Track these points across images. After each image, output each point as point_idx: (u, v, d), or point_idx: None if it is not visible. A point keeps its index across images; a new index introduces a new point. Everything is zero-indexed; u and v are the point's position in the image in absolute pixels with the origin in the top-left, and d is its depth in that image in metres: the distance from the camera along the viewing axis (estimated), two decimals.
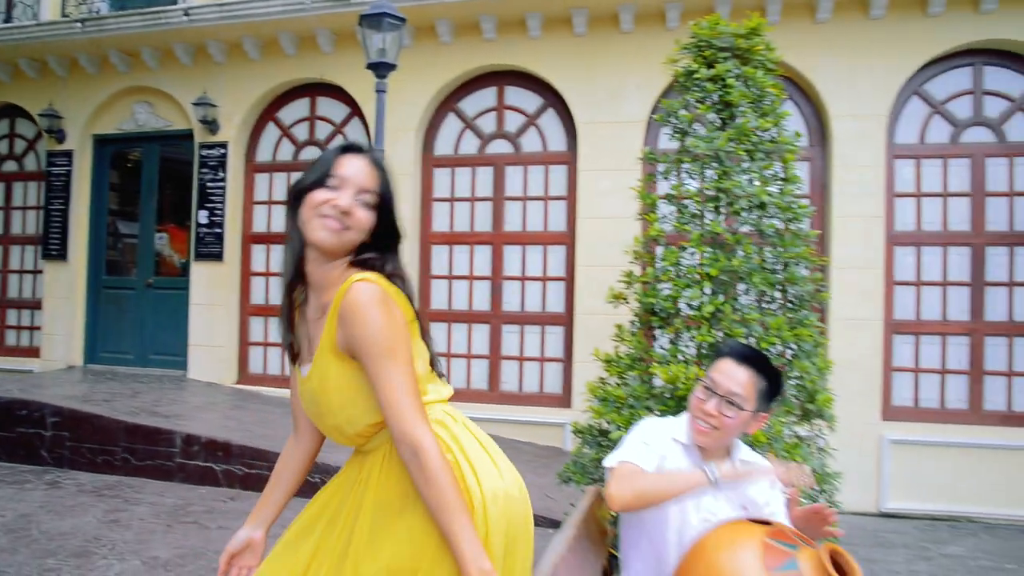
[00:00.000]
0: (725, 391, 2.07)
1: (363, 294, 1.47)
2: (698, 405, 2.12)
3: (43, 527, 4.32)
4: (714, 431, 2.09)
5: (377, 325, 1.47)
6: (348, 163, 1.56)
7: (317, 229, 1.53)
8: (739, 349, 2.19)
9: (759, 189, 3.37)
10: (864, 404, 5.93)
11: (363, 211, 1.55)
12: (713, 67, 3.60)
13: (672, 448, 2.17)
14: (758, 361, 2.14)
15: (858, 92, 6.02)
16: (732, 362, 2.12)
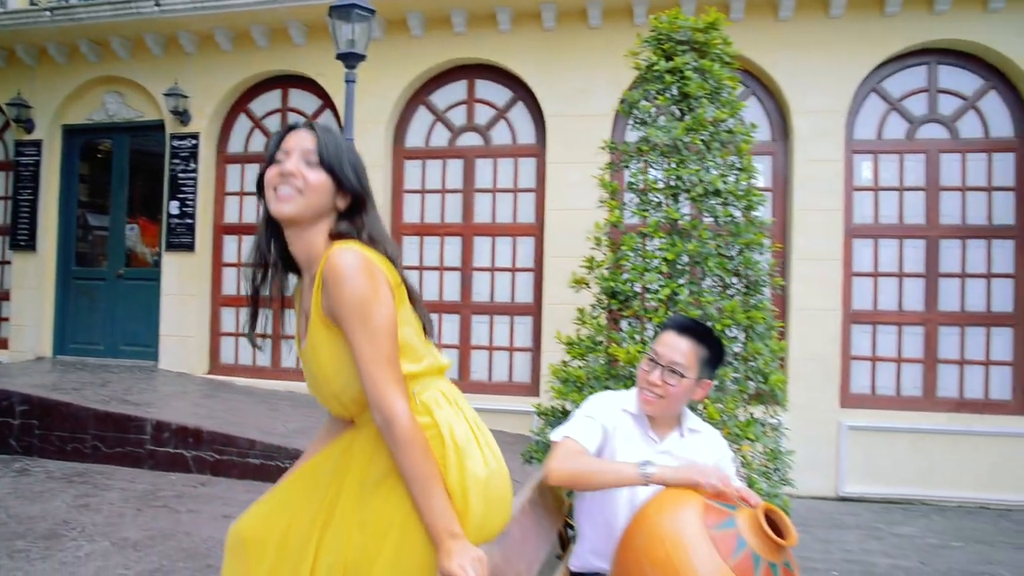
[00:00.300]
0: (667, 361, 2.18)
1: (342, 260, 1.51)
2: (643, 376, 2.23)
3: (12, 511, 4.34)
4: (660, 400, 2.20)
5: (354, 291, 1.50)
6: (291, 137, 1.63)
7: (274, 201, 1.59)
8: (680, 321, 2.30)
9: (715, 177, 3.51)
10: (823, 392, 6.12)
11: (311, 171, 1.59)
12: (672, 60, 3.73)
13: (621, 418, 2.27)
14: (698, 331, 2.25)
15: (818, 89, 6.20)
16: (673, 333, 2.23)
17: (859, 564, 4.53)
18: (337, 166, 1.61)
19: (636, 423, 2.27)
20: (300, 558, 1.64)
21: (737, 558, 1.77)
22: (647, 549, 1.86)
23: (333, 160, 1.61)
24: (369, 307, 1.51)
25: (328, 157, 1.61)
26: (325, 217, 1.63)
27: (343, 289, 1.50)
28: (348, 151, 1.65)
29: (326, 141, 1.62)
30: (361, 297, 1.50)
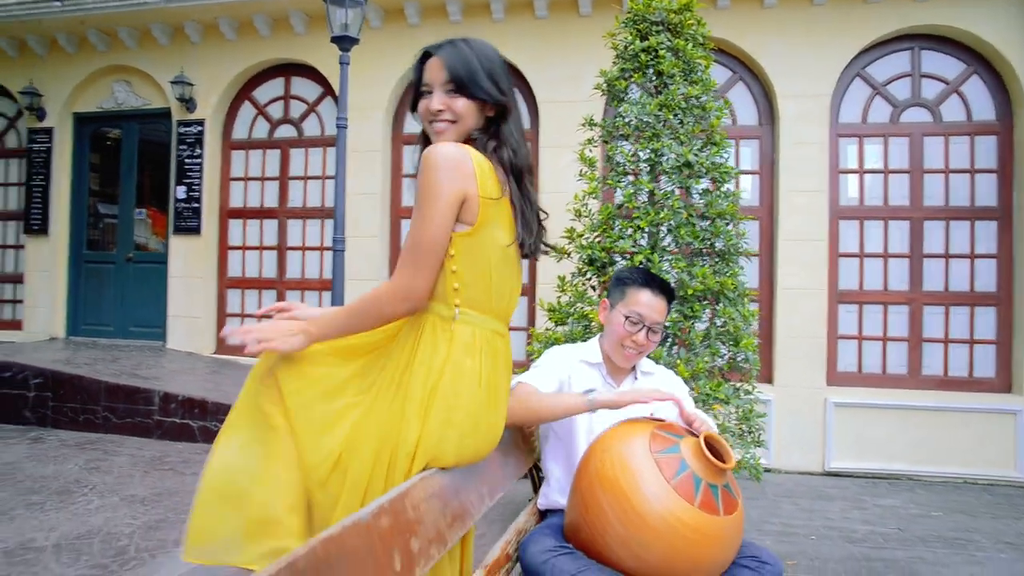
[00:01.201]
0: (652, 322, 2.31)
1: (435, 150, 1.65)
2: (627, 335, 2.33)
3: (27, 472, 4.59)
4: (640, 355, 2.37)
5: (429, 177, 1.63)
6: (428, 70, 1.80)
7: (434, 135, 1.79)
8: (655, 280, 2.40)
9: (685, 151, 3.69)
10: (810, 370, 6.28)
11: (455, 101, 1.75)
12: (647, 40, 3.92)
13: (578, 368, 2.42)
14: (667, 289, 2.39)
15: (803, 73, 6.36)
16: (650, 293, 2.35)
17: (838, 530, 4.70)
18: (475, 88, 1.75)
19: (595, 371, 2.43)
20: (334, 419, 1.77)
21: (679, 478, 1.93)
22: (598, 471, 2.03)
23: (469, 84, 1.75)
24: (430, 193, 1.63)
25: (463, 82, 1.74)
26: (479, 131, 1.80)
27: (423, 173, 1.65)
28: (482, 65, 1.77)
29: (457, 66, 1.75)
30: (430, 183, 1.63)
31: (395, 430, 1.74)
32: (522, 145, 1.84)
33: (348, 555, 1.34)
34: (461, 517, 1.89)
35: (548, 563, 2.00)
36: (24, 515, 3.71)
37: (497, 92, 1.79)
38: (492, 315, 1.85)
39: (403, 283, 1.69)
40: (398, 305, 1.71)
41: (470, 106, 1.77)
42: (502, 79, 1.82)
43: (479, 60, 1.79)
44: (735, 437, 3.83)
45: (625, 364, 2.40)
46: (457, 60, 1.77)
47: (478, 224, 1.72)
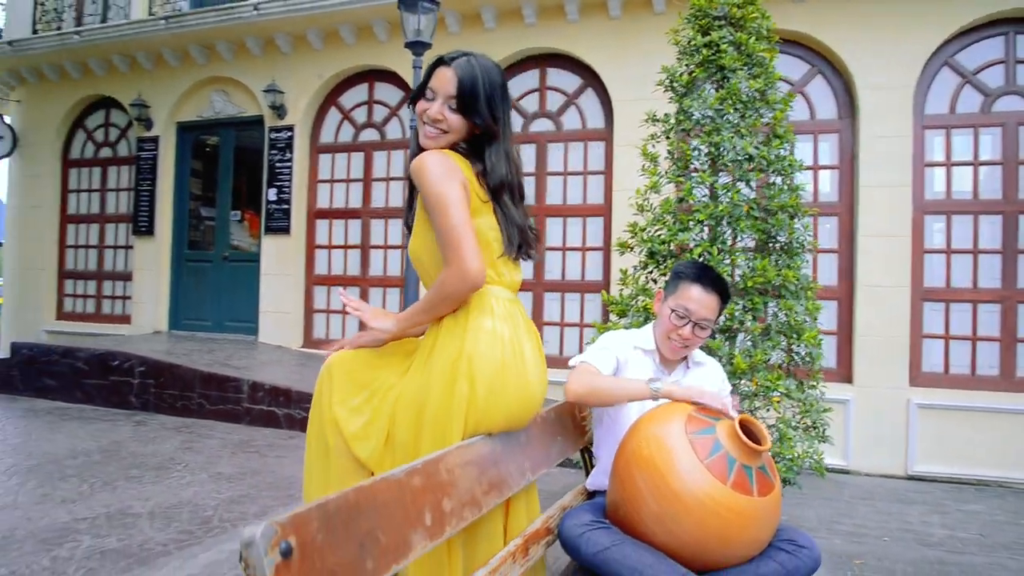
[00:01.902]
0: (699, 318, 2.34)
1: (422, 158, 1.85)
2: (673, 329, 2.37)
3: (129, 450, 5.00)
4: (686, 348, 2.41)
5: (430, 177, 1.81)
6: (437, 75, 1.94)
7: (422, 137, 1.96)
8: (705, 274, 2.41)
9: (746, 144, 3.70)
10: (891, 369, 6.09)
11: (452, 115, 1.91)
12: (708, 34, 3.94)
13: (633, 354, 2.47)
14: (720, 286, 2.40)
15: (885, 64, 6.17)
16: (701, 290, 2.35)
17: (914, 533, 4.56)
18: (471, 110, 1.91)
19: (648, 358, 2.48)
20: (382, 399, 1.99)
21: (712, 458, 1.98)
22: (635, 451, 2.11)
23: (468, 104, 1.90)
24: (442, 188, 1.81)
25: (465, 102, 1.90)
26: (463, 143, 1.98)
27: (422, 178, 1.83)
28: (484, 90, 1.91)
29: (464, 86, 1.89)
30: (435, 180, 1.81)
31: (427, 397, 1.90)
32: (501, 166, 1.98)
33: (379, 506, 1.47)
34: (498, 486, 2.01)
35: (584, 536, 2.08)
36: (124, 486, 4.06)
37: (490, 119, 1.94)
38: (505, 286, 2.03)
39: (456, 266, 1.82)
40: (459, 285, 1.84)
41: (463, 123, 1.93)
42: (498, 106, 1.96)
43: (484, 84, 1.92)
44: (799, 431, 3.80)
45: (671, 356, 2.44)
46: (466, 80, 1.90)
47: (472, 212, 1.89)
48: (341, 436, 1.99)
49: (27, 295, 9.75)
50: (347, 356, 2.07)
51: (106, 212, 9.56)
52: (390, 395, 1.99)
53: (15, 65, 9.51)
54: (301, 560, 1.21)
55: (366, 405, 2.00)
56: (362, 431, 1.98)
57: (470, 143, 1.99)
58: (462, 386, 1.87)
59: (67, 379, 6.80)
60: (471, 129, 1.95)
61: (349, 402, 2.00)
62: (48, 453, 4.81)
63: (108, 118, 9.66)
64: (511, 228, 1.99)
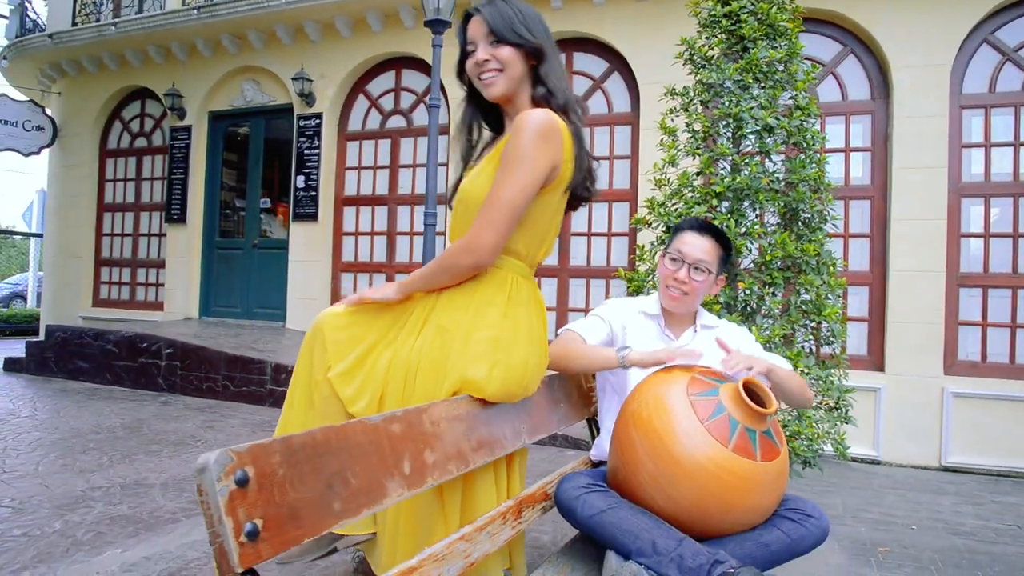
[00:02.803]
0: (693, 259, 2.29)
1: (534, 114, 1.78)
2: (670, 275, 2.33)
3: (152, 427, 5.07)
4: (684, 296, 2.32)
5: (526, 139, 1.74)
6: (469, 28, 1.93)
7: (484, 88, 1.92)
8: (698, 222, 2.40)
9: (765, 114, 3.59)
10: (925, 357, 5.91)
11: (498, 50, 1.87)
12: (728, 5, 3.84)
13: (635, 319, 2.42)
14: (715, 230, 2.36)
15: (921, 42, 5.99)
16: (694, 233, 2.34)
17: (944, 523, 4.41)
18: (513, 36, 1.87)
19: (653, 322, 2.42)
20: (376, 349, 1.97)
21: (713, 420, 1.91)
22: (634, 412, 2.04)
23: (507, 32, 1.87)
24: (525, 158, 1.75)
25: (503, 32, 1.87)
26: (525, 81, 1.93)
27: (521, 134, 1.76)
28: (516, 16, 1.89)
29: (496, 19, 1.88)
30: (526, 145, 1.75)
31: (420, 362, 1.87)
32: (561, 81, 1.93)
33: (351, 447, 1.44)
34: (489, 445, 1.96)
35: (580, 499, 2.02)
36: (143, 459, 4.11)
37: (532, 36, 1.89)
38: (525, 262, 1.99)
39: (470, 237, 1.80)
40: (461, 257, 1.82)
41: (513, 53, 1.88)
42: (536, 26, 1.92)
43: (514, 11, 1.90)
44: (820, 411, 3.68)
45: (673, 307, 2.37)
46: (495, 13, 1.89)
47: (554, 185, 1.86)
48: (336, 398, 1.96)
49: (66, 282, 9.99)
50: (338, 316, 2.05)
51: (141, 201, 9.74)
52: (382, 358, 1.96)
53: (56, 58, 9.73)
54: (258, 490, 1.18)
55: (358, 369, 1.97)
56: (356, 394, 1.95)
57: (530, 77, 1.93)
58: (458, 354, 1.85)
59: (98, 361, 6.94)
60: (525, 58, 1.90)
61: (339, 366, 1.97)
62: (73, 428, 4.90)
63: (143, 108, 9.84)
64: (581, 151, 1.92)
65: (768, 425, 1.96)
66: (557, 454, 4.87)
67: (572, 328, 2.40)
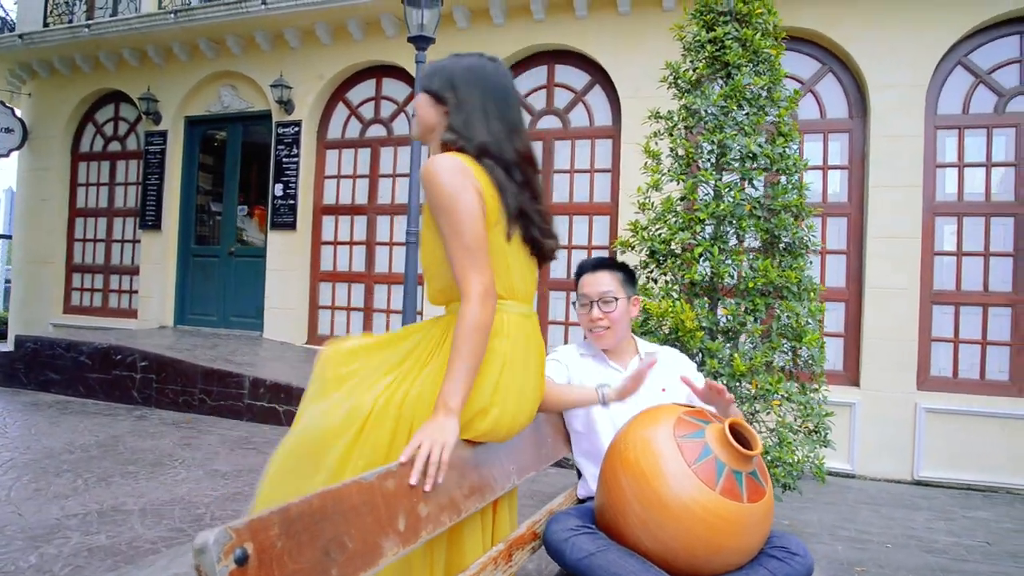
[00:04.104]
0: (597, 295, 2.41)
1: (433, 162, 1.75)
2: (586, 320, 2.45)
3: (127, 445, 4.99)
4: (607, 330, 2.42)
5: (441, 186, 1.71)
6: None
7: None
8: (587, 262, 2.52)
9: (748, 142, 3.63)
10: (899, 373, 6.00)
11: (418, 97, 1.94)
12: (713, 30, 3.88)
13: (582, 362, 2.51)
14: (604, 262, 2.49)
15: (898, 63, 6.08)
16: (587, 274, 2.47)
17: (918, 540, 4.48)
18: (425, 84, 1.92)
19: (596, 361, 2.50)
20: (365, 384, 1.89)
21: (700, 463, 1.92)
22: (620, 453, 2.05)
23: (423, 82, 1.93)
24: (454, 201, 1.71)
25: (422, 82, 1.95)
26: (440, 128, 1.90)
27: (432, 185, 1.73)
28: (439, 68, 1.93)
29: (427, 70, 1.97)
30: (447, 191, 1.72)
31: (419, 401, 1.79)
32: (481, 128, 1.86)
33: (347, 510, 1.43)
34: (480, 490, 1.95)
35: (568, 541, 2.03)
36: (119, 482, 4.05)
37: (438, 86, 1.90)
38: (518, 299, 1.97)
39: (479, 288, 1.73)
40: (487, 307, 1.74)
41: (425, 99, 1.92)
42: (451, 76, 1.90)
43: (440, 66, 1.95)
44: (800, 435, 3.73)
45: (605, 344, 2.46)
46: (429, 66, 1.98)
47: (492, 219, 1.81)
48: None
49: (35, 288, 9.80)
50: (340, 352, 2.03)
51: (114, 206, 9.58)
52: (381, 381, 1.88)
53: (26, 58, 9.55)
54: (258, 567, 1.17)
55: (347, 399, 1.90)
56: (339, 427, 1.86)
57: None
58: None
59: (70, 373, 6.82)
60: (435, 104, 1.91)
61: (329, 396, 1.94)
62: (46, 448, 4.81)
63: (117, 112, 9.68)
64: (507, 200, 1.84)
65: (754, 466, 1.98)
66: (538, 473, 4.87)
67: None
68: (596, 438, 2.44)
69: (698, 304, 3.52)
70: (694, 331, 3.43)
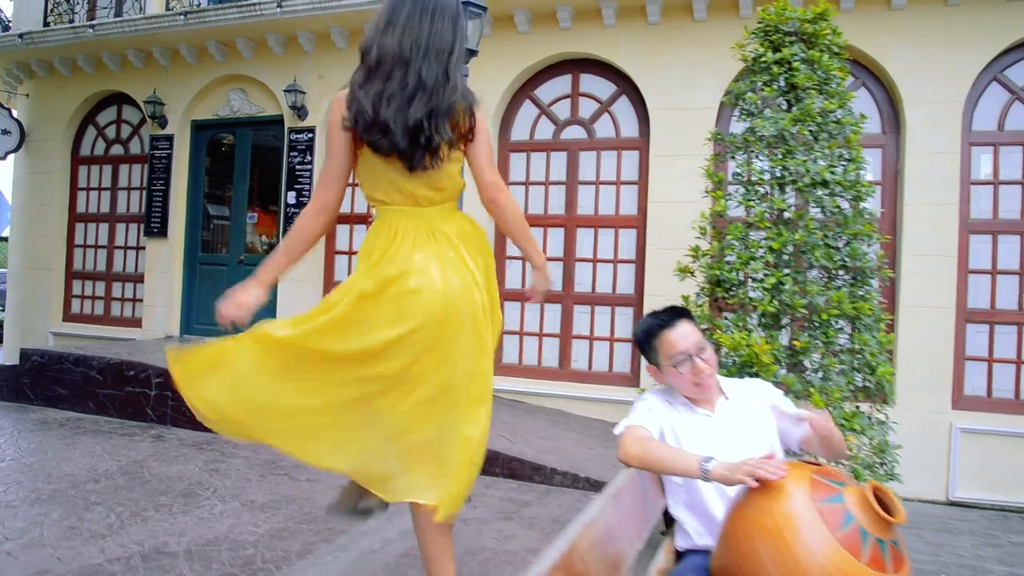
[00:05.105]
0: (696, 347, 2.28)
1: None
2: (688, 376, 2.29)
3: (153, 472, 4.78)
4: (711, 378, 2.32)
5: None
6: None
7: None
8: (663, 318, 2.37)
9: (822, 168, 3.51)
10: (933, 392, 5.92)
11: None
12: (779, 51, 3.74)
13: (670, 412, 2.37)
14: (675, 311, 2.40)
15: (933, 79, 6.00)
16: (668, 330, 2.32)
17: (972, 569, 4.39)
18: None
19: (687, 409, 2.37)
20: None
21: (844, 531, 1.79)
22: (756, 520, 1.90)
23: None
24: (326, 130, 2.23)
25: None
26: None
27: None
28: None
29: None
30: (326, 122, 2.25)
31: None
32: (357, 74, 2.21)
33: None
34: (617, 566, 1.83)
35: None
36: (155, 517, 3.85)
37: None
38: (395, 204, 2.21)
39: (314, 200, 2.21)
40: (309, 215, 2.22)
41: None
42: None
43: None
44: (866, 468, 3.62)
45: (707, 395, 2.35)
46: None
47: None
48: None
49: (34, 295, 9.50)
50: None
51: (116, 212, 9.30)
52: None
53: (25, 58, 9.25)
54: None
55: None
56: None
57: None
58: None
59: (80, 388, 6.57)
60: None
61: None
62: (68, 475, 4.59)
63: (120, 114, 9.39)
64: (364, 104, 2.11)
65: (896, 534, 1.86)
66: (581, 497, 4.73)
67: (637, 424, 2.31)
68: (697, 491, 2.31)
69: (769, 336, 3.39)
70: (768, 364, 3.30)
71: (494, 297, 2.37)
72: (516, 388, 6.93)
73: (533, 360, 7.12)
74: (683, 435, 2.32)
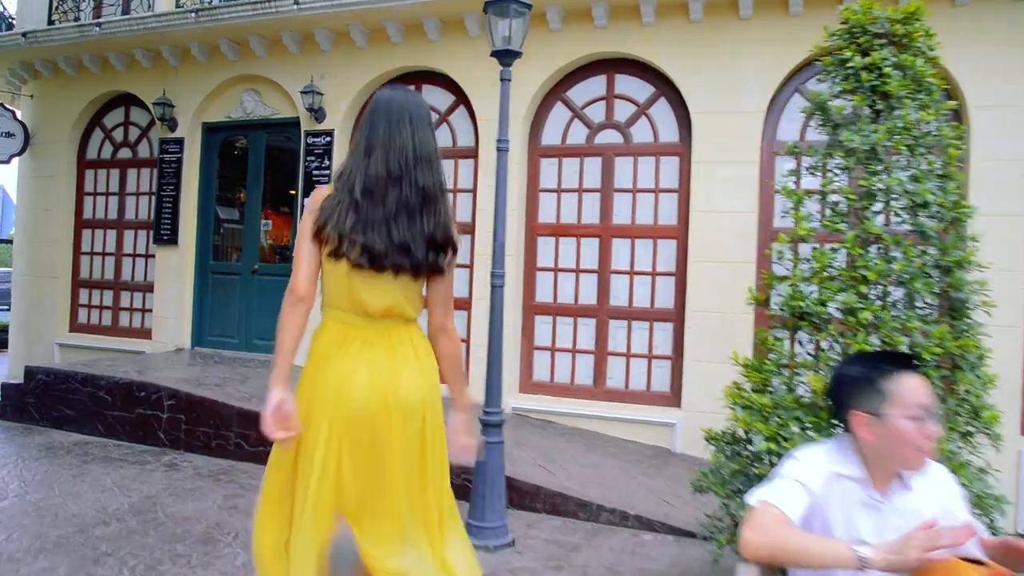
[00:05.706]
0: (933, 407, 1.85)
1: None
2: (918, 439, 1.82)
3: (167, 510, 4.42)
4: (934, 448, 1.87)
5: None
6: None
7: None
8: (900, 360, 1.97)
9: (921, 188, 3.11)
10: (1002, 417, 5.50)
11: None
12: (868, 55, 3.34)
13: (834, 486, 1.90)
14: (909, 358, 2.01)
15: (1001, 80, 5.59)
16: (910, 375, 1.89)
17: None
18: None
19: (856, 485, 1.91)
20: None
21: None
22: None
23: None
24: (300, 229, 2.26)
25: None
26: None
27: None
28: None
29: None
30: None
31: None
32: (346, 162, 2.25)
33: None
34: None
35: None
36: (171, 571, 3.49)
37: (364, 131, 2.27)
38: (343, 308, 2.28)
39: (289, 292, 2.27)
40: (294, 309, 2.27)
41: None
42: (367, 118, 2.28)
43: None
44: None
45: (922, 467, 1.88)
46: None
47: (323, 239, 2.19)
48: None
49: (39, 304, 9.13)
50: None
51: (124, 217, 8.92)
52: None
53: (28, 58, 8.88)
54: None
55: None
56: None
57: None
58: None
59: (88, 409, 6.22)
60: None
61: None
62: (76, 516, 4.23)
63: (128, 116, 9.01)
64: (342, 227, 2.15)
65: None
66: (631, 538, 4.35)
67: (769, 501, 1.83)
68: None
69: None
70: None
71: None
72: (546, 408, 6.56)
73: (565, 378, 6.73)
74: (836, 515, 1.89)
